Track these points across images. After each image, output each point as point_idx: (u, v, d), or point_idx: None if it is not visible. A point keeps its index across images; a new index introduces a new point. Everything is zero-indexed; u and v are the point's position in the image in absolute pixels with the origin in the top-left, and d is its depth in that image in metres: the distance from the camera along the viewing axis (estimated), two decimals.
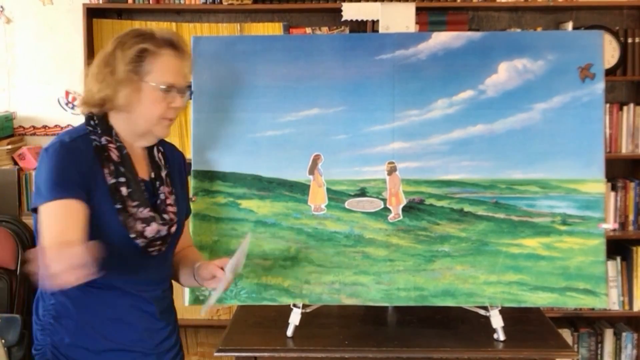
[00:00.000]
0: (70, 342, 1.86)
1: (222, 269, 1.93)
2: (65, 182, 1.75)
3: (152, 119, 1.87)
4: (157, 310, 1.94)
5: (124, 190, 1.83)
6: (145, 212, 1.84)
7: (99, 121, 1.88)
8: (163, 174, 1.96)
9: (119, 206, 1.81)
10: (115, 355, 1.89)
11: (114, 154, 1.85)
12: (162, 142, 2.02)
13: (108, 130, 1.87)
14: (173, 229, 1.92)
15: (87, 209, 1.75)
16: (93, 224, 1.76)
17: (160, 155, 1.98)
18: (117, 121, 1.89)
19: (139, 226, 1.83)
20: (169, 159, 2.01)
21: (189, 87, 1.94)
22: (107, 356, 1.88)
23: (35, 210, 1.79)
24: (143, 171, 1.92)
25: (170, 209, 1.92)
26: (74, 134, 1.87)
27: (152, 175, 1.93)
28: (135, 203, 1.84)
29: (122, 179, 1.83)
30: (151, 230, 1.84)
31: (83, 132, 1.87)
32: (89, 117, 1.90)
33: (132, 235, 1.82)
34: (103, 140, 1.86)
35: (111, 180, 1.82)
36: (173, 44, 1.87)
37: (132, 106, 1.85)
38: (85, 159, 1.81)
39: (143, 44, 1.84)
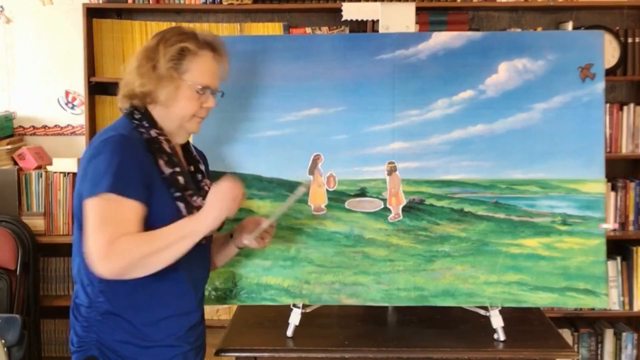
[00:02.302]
0: (120, 339, 1.87)
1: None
2: (126, 179, 1.77)
3: (186, 116, 1.91)
4: (200, 306, 2.00)
5: (181, 179, 1.87)
6: (199, 201, 1.88)
7: (142, 115, 1.90)
8: (202, 167, 2.02)
9: (178, 194, 1.85)
10: (162, 350, 1.91)
11: (166, 146, 1.89)
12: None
13: (154, 123, 1.91)
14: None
15: (144, 209, 1.79)
16: (154, 216, 1.80)
17: (195, 152, 2.05)
18: (158, 116, 1.92)
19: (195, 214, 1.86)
20: (200, 156, 2.08)
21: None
22: (155, 351, 1.90)
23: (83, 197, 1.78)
24: (182, 165, 1.97)
25: None
26: (126, 127, 1.87)
27: (192, 168, 1.99)
28: (189, 192, 1.88)
29: (178, 169, 1.88)
30: None
31: (130, 126, 1.88)
32: (131, 112, 1.91)
33: None
34: (153, 132, 1.89)
35: (169, 170, 1.86)
36: (213, 46, 1.93)
37: (169, 102, 1.89)
38: (143, 152, 1.83)
39: (185, 43, 1.88)
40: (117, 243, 1.72)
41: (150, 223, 1.79)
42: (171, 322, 1.91)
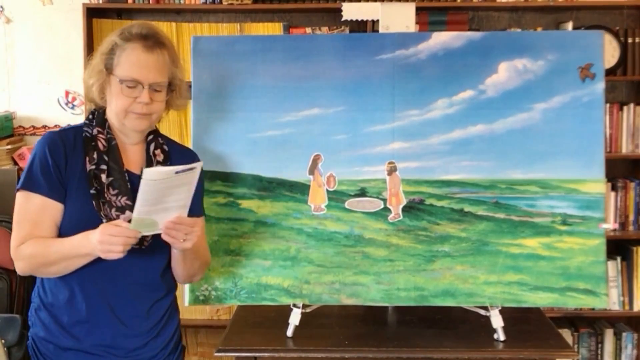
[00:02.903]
0: (43, 336, 1.89)
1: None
2: (38, 176, 1.82)
3: (119, 113, 1.86)
4: (134, 314, 1.90)
5: (103, 178, 1.85)
6: (122, 201, 1.84)
7: (97, 115, 1.92)
8: None
9: (93, 191, 1.83)
10: (78, 355, 1.87)
11: (101, 144, 1.88)
12: (171, 144, 2.01)
13: (102, 122, 1.91)
14: None
15: (55, 204, 1.82)
16: (69, 211, 1.82)
17: (158, 151, 1.96)
18: (109, 115, 1.92)
19: (113, 213, 1.82)
20: (172, 158, 1.97)
21: (171, 83, 1.90)
22: (71, 355, 1.87)
23: None
24: (135, 165, 1.92)
25: None
26: (68, 127, 1.94)
27: (143, 168, 1.92)
28: (115, 191, 1.84)
29: (103, 167, 1.85)
30: (125, 218, 1.80)
31: (79, 125, 1.93)
32: (92, 112, 1.94)
33: (104, 221, 1.80)
34: (94, 131, 1.89)
35: (90, 167, 1.84)
36: (143, 37, 1.85)
37: (108, 98, 1.89)
38: (67, 150, 1.85)
39: (113, 37, 1.87)
40: (23, 247, 1.81)
41: (67, 217, 1.83)
42: (90, 328, 1.86)
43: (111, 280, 1.86)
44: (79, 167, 1.84)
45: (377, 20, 2.45)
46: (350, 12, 2.57)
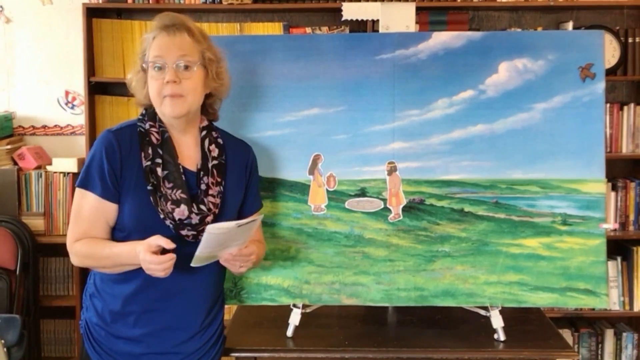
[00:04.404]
0: (95, 322, 1.95)
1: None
2: (93, 174, 1.87)
3: (155, 98, 1.90)
4: (182, 310, 1.95)
5: (159, 171, 1.88)
6: (177, 194, 1.87)
7: (148, 111, 1.95)
8: (209, 164, 1.96)
9: (150, 187, 1.86)
10: (129, 344, 1.93)
11: (154, 137, 1.91)
12: (226, 136, 2.04)
13: (153, 116, 1.94)
14: (209, 218, 1.90)
15: (107, 203, 1.87)
16: (130, 209, 1.86)
17: (212, 147, 1.98)
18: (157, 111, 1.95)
19: (169, 207, 1.86)
20: (227, 152, 2.01)
21: (201, 60, 1.92)
22: (122, 343, 1.93)
23: None
24: (190, 161, 1.95)
25: (210, 199, 1.92)
26: (123, 123, 1.96)
27: (199, 165, 1.95)
28: (169, 184, 1.88)
29: (158, 160, 1.89)
30: (179, 212, 1.86)
31: (133, 122, 1.96)
32: (145, 109, 1.97)
33: (162, 216, 1.85)
34: (147, 125, 1.92)
35: (146, 163, 1.88)
36: (165, 26, 1.90)
37: (149, 94, 1.92)
38: (123, 152, 1.88)
39: (143, 37, 1.94)
40: (78, 245, 1.88)
41: (127, 214, 1.87)
42: (140, 318, 1.93)
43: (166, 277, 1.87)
44: (136, 165, 1.89)
45: (377, 20, 2.44)
46: (350, 11, 2.57)
